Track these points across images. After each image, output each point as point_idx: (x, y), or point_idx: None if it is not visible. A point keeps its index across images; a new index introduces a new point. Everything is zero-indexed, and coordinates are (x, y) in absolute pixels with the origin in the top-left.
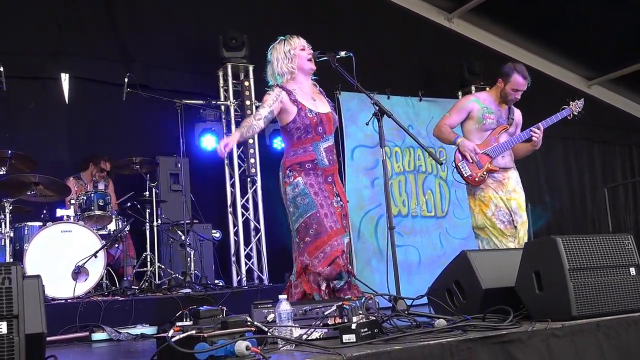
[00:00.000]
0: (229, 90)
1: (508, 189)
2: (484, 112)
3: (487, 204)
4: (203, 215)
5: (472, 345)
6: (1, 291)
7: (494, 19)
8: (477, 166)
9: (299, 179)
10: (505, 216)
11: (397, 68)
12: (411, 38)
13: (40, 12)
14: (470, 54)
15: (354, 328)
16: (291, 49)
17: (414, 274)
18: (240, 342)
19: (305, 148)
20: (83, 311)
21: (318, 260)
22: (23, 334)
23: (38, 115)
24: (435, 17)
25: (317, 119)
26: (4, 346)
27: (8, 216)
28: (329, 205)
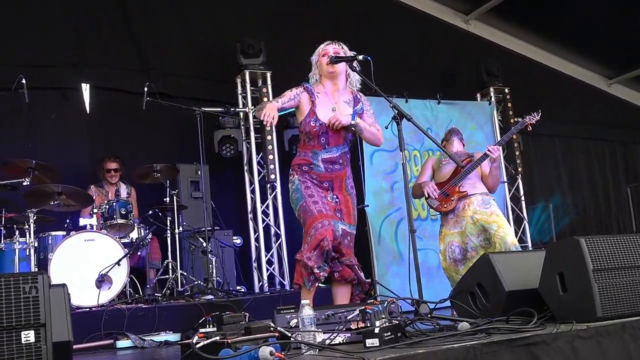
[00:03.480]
0: (247, 97)
1: (467, 215)
2: (440, 158)
3: (443, 240)
4: (224, 221)
5: (497, 348)
6: (28, 300)
7: (511, 19)
8: (444, 196)
9: (296, 177)
10: (453, 254)
11: (414, 71)
12: (428, 41)
13: (61, 25)
14: (488, 55)
15: (377, 332)
16: (316, 56)
17: (434, 277)
18: (264, 347)
19: (306, 153)
20: (107, 319)
21: (307, 245)
22: (50, 342)
23: (60, 125)
24: (452, 20)
25: (320, 130)
26: (32, 354)
27: (32, 226)
28: (321, 198)
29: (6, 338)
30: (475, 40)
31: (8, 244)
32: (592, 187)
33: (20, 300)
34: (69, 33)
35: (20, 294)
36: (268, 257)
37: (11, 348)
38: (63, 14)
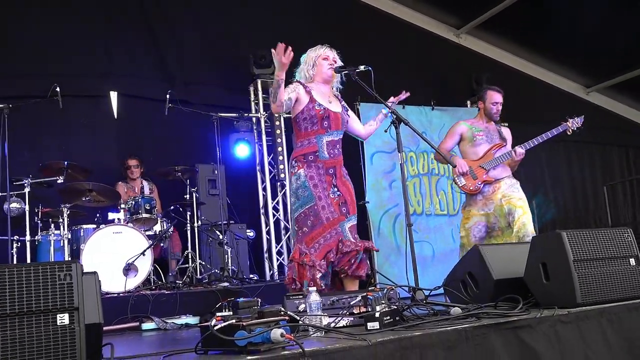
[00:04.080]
0: (260, 103)
1: (497, 198)
2: (473, 131)
3: (469, 218)
4: (238, 216)
5: (486, 331)
6: (63, 286)
7: (497, 34)
8: (472, 177)
9: (301, 170)
10: (480, 233)
11: (411, 80)
12: (423, 53)
13: (91, 39)
14: (477, 65)
15: (377, 316)
16: (315, 56)
17: (429, 267)
18: (276, 329)
19: (310, 139)
20: (134, 303)
21: (315, 250)
22: (83, 324)
23: (90, 129)
24: (444, 34)
25: (324, 113)
26: (67, 335)
27: (66, 220)
28: (326, 197)
29: (43, 320)
30: (465, 52)
31: (44, 236)
32: (572, 186)
33: (56, 286)
34: (99, 46)
35: (56, 281)
36: (278, 248)
37: (48, 329)
38: (93, 29)
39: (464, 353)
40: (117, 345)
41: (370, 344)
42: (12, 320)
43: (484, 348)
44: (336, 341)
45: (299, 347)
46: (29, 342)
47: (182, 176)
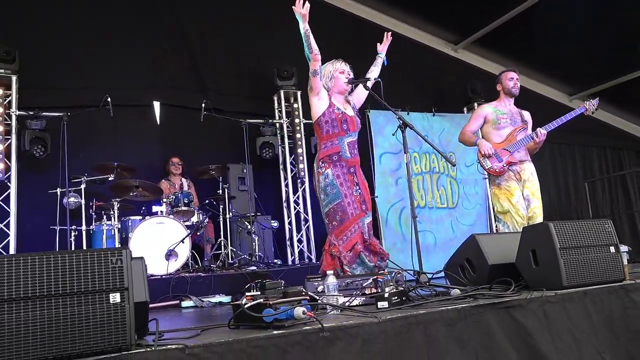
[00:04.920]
0: (282, 111)
1: (523, 178)
2: (497, 114)
3: (512, 192)
4: (264, 209)
5: (482, 309)
6: (115, 269)
7: (490, 48)
8: (497, 160)
9: (329, 170)
10: (524, 204)
11: (414, 90)
12: (425, 65)
13: (137, 55)
14: (473, 76)
15: (386, 297)
16: (333, 70)
17: (431, 253)
18: (298, 308)
19: (332, 141)
20: (174, 284)
21: (343, 242)
22: (132, 302)
23: (137, 134)
24: (443, 48)
25: (342, 117)
26: (118, 312)
27: (116, 212)
28: (350, 195)
29: (98, 299)
30: (462, 64)
31: (98, 226)
32: (556, 183)
33: (109, 269)
34: (143, 62)
35: (109, 265)
36: (298, 237)
37: (102, 306)
38: (139, 46)
39: (463, 329)
40: (160, 320)
41: (381, 320)
42: (71, 299)
43: (480, 325)
44: (351, 318)
45: (318, 323)
46: (86, 318)
47: (215, 174)
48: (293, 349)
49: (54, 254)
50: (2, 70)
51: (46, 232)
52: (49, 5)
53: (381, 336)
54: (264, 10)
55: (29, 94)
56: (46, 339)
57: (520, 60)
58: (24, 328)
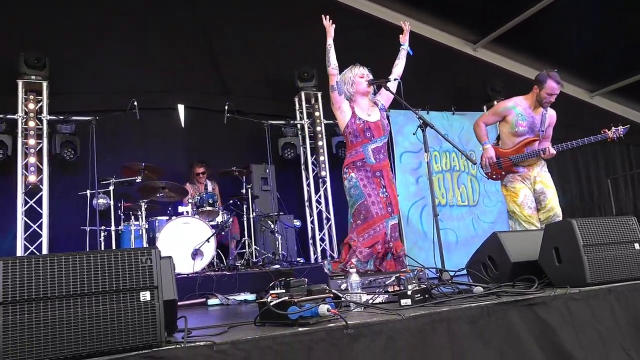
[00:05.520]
0: (303, 112)
1: (533, 174)
2: (518, 119)
3: (517, 193)
4: (286, 208)
5: (505, 307)
6: (145, 268)
7: (509, 46)
8: (497, 167)
9: (352, 174)
10: (532, 203)
11: (433, 89)
12: (444, 65)
13: (162, 61)
14: (492, 75)
15: (409, 294)
16: (352, 76)
17: (452, 251)
18: (322, 305)
19: (357, 150)
20: (200, 283)
21: (363, 239)
22: (161, 300)
23: (162, 136)
24: (462, 48)
25: (364, 126)
26: (148, 309)
27: (143, 213)
28: (376, 195)
29: (129, 297)
30: (481, 63)
31: (126, 226)
32: (578, 180)
33: (139, 269)
34: (168, 67)
35: (139, 264)
36: (320, 235)
37: (133, 304)
38: (163, 53)
39: (486, 326)
40: (188, 318)
41: (404, 317)
42: (104, 297)
43: (503, 322)
44: (374, 315)
45: (342, 320)
46: (118, 315)
47: (239, 175)
48: (318, 345)
49: (87, 254)
50: (33, 77)
51: (77, 232)
52: (76, 13)
53: (404, 333)
54: (284, 12)
55: (58, 99)
56: (80, 336)
57: (540, 58)
58: (59, 325)
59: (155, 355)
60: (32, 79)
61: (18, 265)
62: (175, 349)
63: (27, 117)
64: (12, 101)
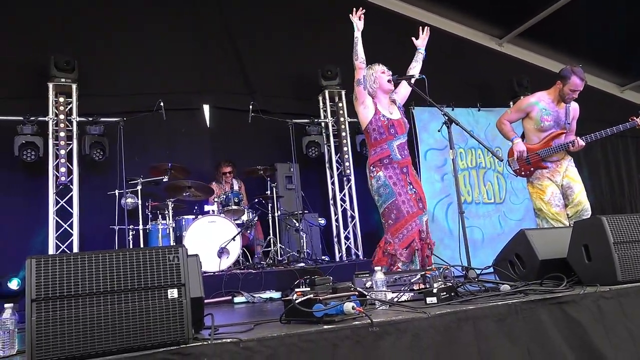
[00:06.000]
0: (327, 110)
1: (561, 170)
2: (542, 114)
3: (544, 190)
4: (311, 206)
5: (533, 305)
6: (172, 266)
7: (536, 41)
8: (525, 163)
9: (380, 172)
10: (560, 201)
11: (459, 85)
12: (469, 61)
13: (188, 62)
14: (519, 70)
15: (435, 292)
16: (374, 72)
17: (478, 249)
18: (348, 303)
19: (382, 146)
20: (226, 281)
21: (399, 240)
22: (189, 298)
23: (188, 136)
24: (488, 43)
25: (388, 123)
26: (176, 306)
27: (170, 212)
28: (405, 193)
29: (157, 294)
30: (507, 58)
31: (154, 225)
32: (608, 175)
33: (167, 266)
34: (193, 67)
35: (167, 262)
36: (345, 233)
37: (161, 301)
38: (189, 51)
39: (514, 324)
40: (214, 315)
41: (430, 315)
42: (132, 294)
43: (532, 320)
44: (400, 313)
45: (368, 318)
46: (146, 312)
47: (263, 174)
48: (343, 343)
49: (117, 252)
50: (63, 79)
51: (106, 231)
52: (103, 16)
53: (430, 331)
54: (308, 11)
55: (87, 101)
56: (110, 332)
57: (568, 52)
58: (90, 322)
59: (183, 352)
60: (62, 82)
61: (50, 263)
62: (202, 345)
63: (58, 119)
64: (43, 104)
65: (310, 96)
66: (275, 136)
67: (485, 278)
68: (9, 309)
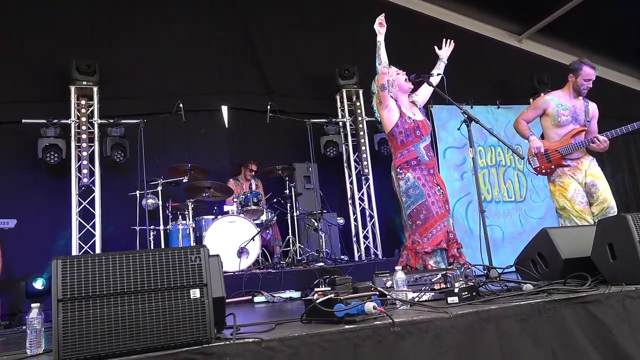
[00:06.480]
0: (345, 109)
1: (583, 168)
2: (558, 110)
3: (566, 188)
4: (329, 206)
5: (557, 305)
6: (194, 267)
7: (556, 37)
8: (546, 160)
9: (409, 174)
10: (583, 198)
11: (477, 83)
12: (487, 58)
13: (206, 63)
14: (539, 66)
15: (456, 292)
16: (389, 77)
17: (499, 248)
18: (369, 303)
19: (408, 149)
20: (246, 280)
21: (427, 239)
22: (211, 298)
23: (207, 137)
24: (506, 40)
25: (414, 125)
26: (198, 306)
27: (190, 212)
28: (434, 194)
29: (179, 294)
30: (527, 55)
31: (174, 225)
32: (631, 171)
33: (189, 267)
34: (212, 68)
35: (189, 262)
36: (364, 233)
37: (183, 301)
38: (207, 53)
39: (537, 324)
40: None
41: (452, 315)
42: (155, 294)
43: (555, 320)
44: (421, 313)
45: (389, 318)
46: (169, 312)
47: (282, 173)
48: (364, 343)
49: (140, 253)
50: (85, 82)
51: (127, 232)
52: (123, 20)
53: (452, 331)
54: (324, 11)
55: (108, 104)
56: (134, 332)
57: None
58: (114, 321)
59: (205, 351)
60: (83, 85)
61: (76, 264)
62: (224, 345)
63: (80, 121)
64: (65, 107)
65: (327, 96)
66: (293, 136)
67: (507, 277)
68: (36, 309)
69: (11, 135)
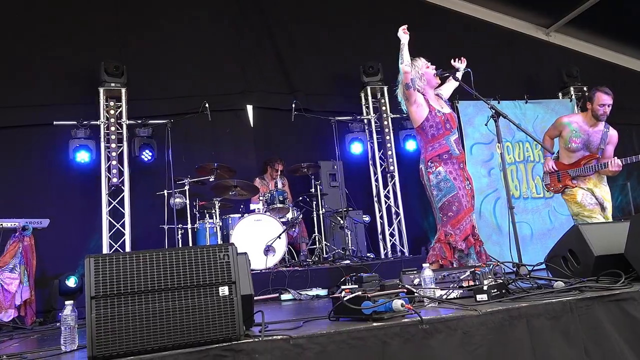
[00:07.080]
0: (370, 107)
1: (589, 181)
2: (571, 136)
3: (574, 194)
4: (355, 204)
5: (590, 302)
6: (223, 264)
7: (585, 29)
8: (557, 179)
9: (440, 168)
10: (592, 199)
11: (505, 77)
12: (515, 52)
13: (231, 64)
14: (568, 60)
15: (485, 289)
16: (419, 69)
17: (527, 245)
18: (396, 300)
19: (440, 142)
20: (273, 278)
21: (459, 231)
22: (239, 295)
23: (233, 136)
24: (534, 33)
25: (444, 118)
26: (227, 304)
27: (217, 211)
28: (463, 188)
29: (209, 292)
30: (555, 48)
31: (201, 224)
32: None
33: (218, 265)
34: (237, 68)
35: (217, 260)
36: (390, 230)
37: (212, 299)
38: (232, 53)
39: (569, 322)
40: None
41: (481, 313)
42: (185, 292)
43: (588, 318)
44: (449, 311)
45: (417, 315)
46: (199, 309)
47: (307, 172)
48: (393, 340)
49: (169, 251)
50: (113, 84)
51: (156, 230)
52: (149, 21)
53: (482, 329)
54: (347, 8)
55: (136, 105)
56: (165, 329)
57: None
58: (146, 318)
59: (235, 348)
60: (112, 86)
61: (107, 262)
62: (253, 342)
63: (109, 122)
64: (94, 108)
65: (352, 93)
66: (318, 134)
67: (537, 275)
68: (69, 306)
69: (43, 137)
